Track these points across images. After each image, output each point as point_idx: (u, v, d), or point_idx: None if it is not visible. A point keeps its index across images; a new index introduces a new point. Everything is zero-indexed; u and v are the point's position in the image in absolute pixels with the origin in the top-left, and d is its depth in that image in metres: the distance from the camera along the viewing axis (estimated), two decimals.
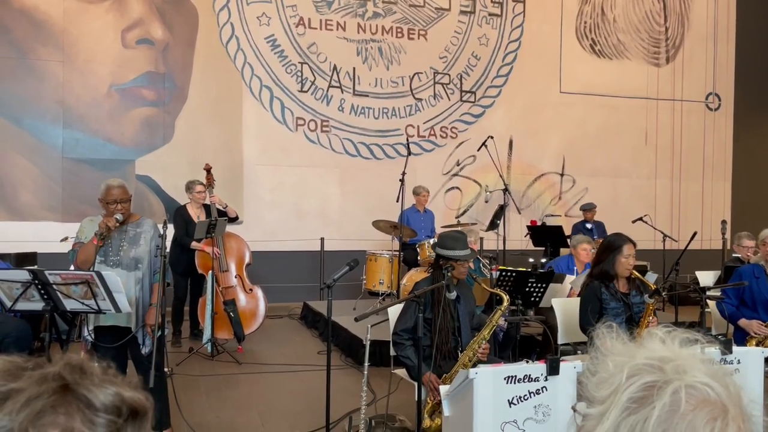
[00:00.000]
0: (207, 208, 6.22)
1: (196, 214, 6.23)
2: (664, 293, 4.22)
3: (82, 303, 3.35)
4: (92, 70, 7.99)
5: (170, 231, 5.92)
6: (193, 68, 8.37)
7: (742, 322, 4.30)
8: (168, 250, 4.40)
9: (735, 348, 3.62)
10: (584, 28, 10.09)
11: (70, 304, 3.38)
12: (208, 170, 6.21)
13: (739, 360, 3.57)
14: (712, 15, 10.76)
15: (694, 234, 5.19)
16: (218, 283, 6.00)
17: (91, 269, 3.48)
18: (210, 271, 5.89)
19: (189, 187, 6.31)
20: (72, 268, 4.20)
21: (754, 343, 4.21)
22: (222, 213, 6.21)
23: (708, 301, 4.36)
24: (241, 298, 6.13)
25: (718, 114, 10.82)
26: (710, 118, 10.79)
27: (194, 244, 6.02)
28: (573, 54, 10.00)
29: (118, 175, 6.94)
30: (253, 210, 8.51)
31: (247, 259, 6.20)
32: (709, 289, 3.69)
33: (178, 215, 6.25)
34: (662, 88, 10.47)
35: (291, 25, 8.73)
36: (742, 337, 4.36)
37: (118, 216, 3.56)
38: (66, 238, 6.30)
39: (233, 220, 6.34)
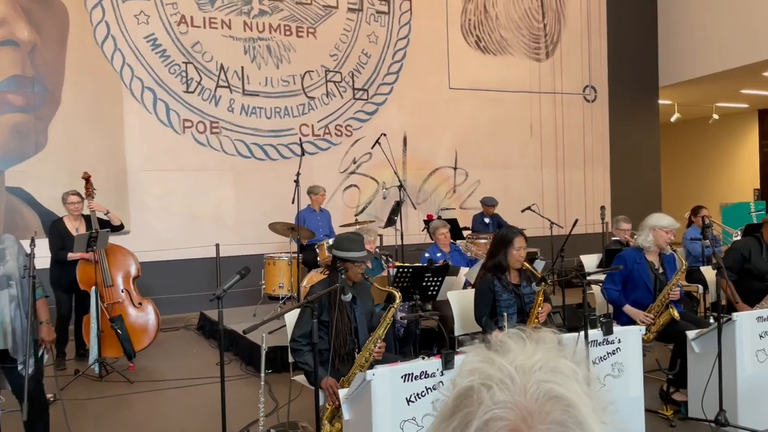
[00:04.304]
0: (87, 218, 5.82)
1: (74, 227, 5.80)
2: (549, 280, 4.40)
3: None
4: None
5: (45, 247, 5.52)
6: (65, 70, 7.81)
7: (627, 309, 4.56)
8: (46, 267, 4.08)
9: (615, 328, 3.84)
10: (469, 25, 10.38)
11: None
12: (87, 179, 5.81)
13: (619, 339, 3.80)
14: (585, 11, 11.41)
15: (576, 221, 5.47)
16: (103, 299, 5.64)
17: None
18: (93, 287, 5.51)
19: (63, 198, 5.86)
20: None
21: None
22: (104, 223, 5.83)
23: (592, 284, 4.61)
24: (131, 314, 5.80)
25: (595, 105, 11.50)
26: (588, 110, 11.45)
27: (71, 255, 5.61)
28: (460, 50, 10.26)
29: None
30: (141, 218, 8.08)
31: (134, 272, 5.86)
32: (590, 274, 3.90)
33: (54, 230, 5.80)
34: (544, 81, 10.98)
35: (172, 23, 8.34)
36: (624, 317, 4.62)
37: None
38: None
39: (117, 228, 5.96)
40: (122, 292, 5.77)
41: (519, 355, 0.77)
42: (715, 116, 14.62)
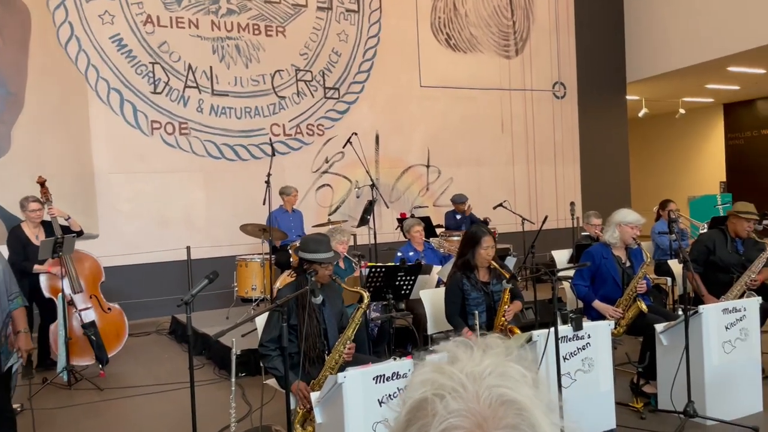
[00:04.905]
0: (47, 225, 5.67)
1: (34, 234, 5.63)
2: (520, 278, 4.43)
3: None
4: None
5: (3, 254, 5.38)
6: (28, 72, 7.63)
7: (596, 304, 4.62)
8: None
9: (585, 323, 3.88)
10: (439, 22, 10.40)
11: None
12: (42, 183, 5.66)
13: (589, 335, 3.84)
14: (553, 9, 11.51)
15: (545, 218, 5.52)
16: (74, 306, 5.53)
17: None
18: (60, 294, 5.40)
19: (22, 204, 5.68)
20: None
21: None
22: (65, 229, 5.69)
23: (561, 281, 4.64)
24: (101, 319, 5.69)
25: (565, 101, 11.62)
26: (558, 106, 11.56)
27: (37, 267, 5.47)
28: (430, 48, 10.28)
29: None
30: (110, 222, 7.94)
31: (99, 277, 5.76)
32: (559, 270, 3.94)
33: (13, 237, 5.63)
34: (514, 78, 11.05)
35: (138, 23, 8.20)
36: (594, 311, 4.68)
37: None
38: None
39: (77, 234, 5.83)
40: (90, 298, 5.66)
41: (468, 363, 0.77)
42: (682, 111, 14.90)
